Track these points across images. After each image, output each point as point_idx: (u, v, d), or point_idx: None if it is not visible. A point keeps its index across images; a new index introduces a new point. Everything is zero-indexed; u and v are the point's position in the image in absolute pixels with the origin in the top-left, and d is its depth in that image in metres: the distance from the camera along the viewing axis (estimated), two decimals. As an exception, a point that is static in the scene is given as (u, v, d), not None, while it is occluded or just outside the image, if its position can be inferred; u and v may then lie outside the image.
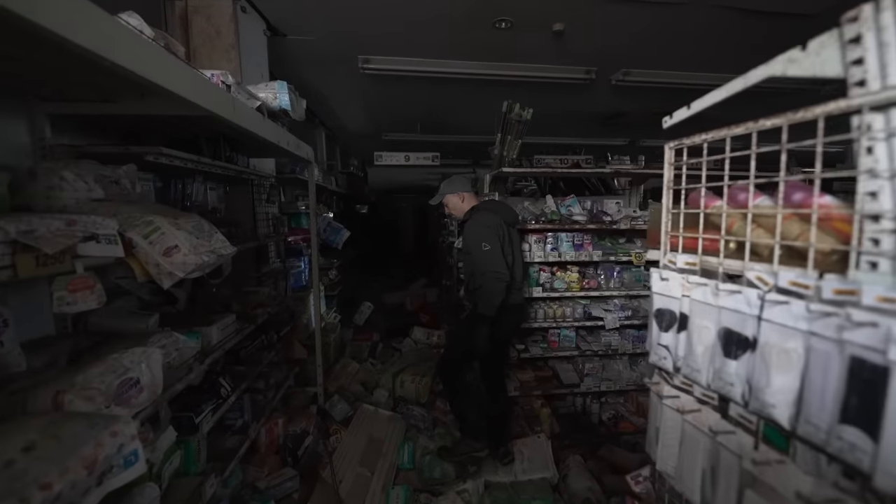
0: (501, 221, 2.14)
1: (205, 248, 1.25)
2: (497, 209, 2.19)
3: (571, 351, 2.57)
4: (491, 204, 2.24)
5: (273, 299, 2.47)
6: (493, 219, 2.12)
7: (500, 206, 2.23)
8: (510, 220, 2.23)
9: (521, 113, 2.46)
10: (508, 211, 2.25)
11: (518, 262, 2.21)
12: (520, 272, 2.23)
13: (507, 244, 2.14)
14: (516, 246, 2.22)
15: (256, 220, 2.62)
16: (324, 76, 3.95)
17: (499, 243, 2.06)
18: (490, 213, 2.16)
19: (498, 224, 2.11)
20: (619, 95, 4.76)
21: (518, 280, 2.21)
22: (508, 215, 2.22)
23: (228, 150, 2.04)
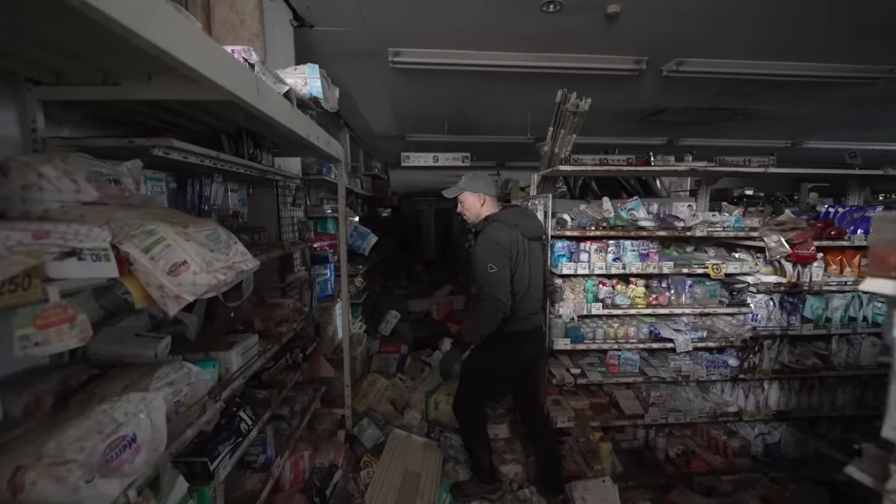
0: (519, 236, 1.86)
1: (221, 263, 1.00)
2: (517, 221, 1.88)
3: (634, 377, 2.23)
4: (510, 214, 1.91)
5: (299, 313, 2.23)
6: (508, 235, 1.83)
7: (522, 218, 1.91)
8: (532, 233, 1.92)
9: (578, 103, 2.15)
10: (531, 223, 1.94)
11: (537, 282, 1.93)
12: (539, 292, 1.95)
13: (525, 262, 1.86)
14: (536, 263, 1.92)
15: (281, 225, 2.40)
16: (351, 72, 3.73)
17: (508, 266, 1.80)
18: (506, 226, 1.85)
19: (512, 241, 1.82)
20: (667, 89, 4.37)
21: (535, 301, 1.94)
22: (530, 228, 1.91)
23: (252, 148, 1.81)
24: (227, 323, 1.73)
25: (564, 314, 2.07)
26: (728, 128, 6.31)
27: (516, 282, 1.83)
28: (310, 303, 2.79)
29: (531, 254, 1.90)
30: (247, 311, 1.91)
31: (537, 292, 1.95)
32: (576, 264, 2.08)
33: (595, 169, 2.20)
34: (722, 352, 2.30)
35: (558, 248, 2.12)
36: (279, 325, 1.96)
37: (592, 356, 2.36)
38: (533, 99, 4.65)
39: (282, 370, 2.03)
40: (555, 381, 2.16)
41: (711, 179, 2.63)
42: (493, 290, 1.75)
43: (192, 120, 1.66)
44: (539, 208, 2.17)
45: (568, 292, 2.11)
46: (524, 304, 1.87)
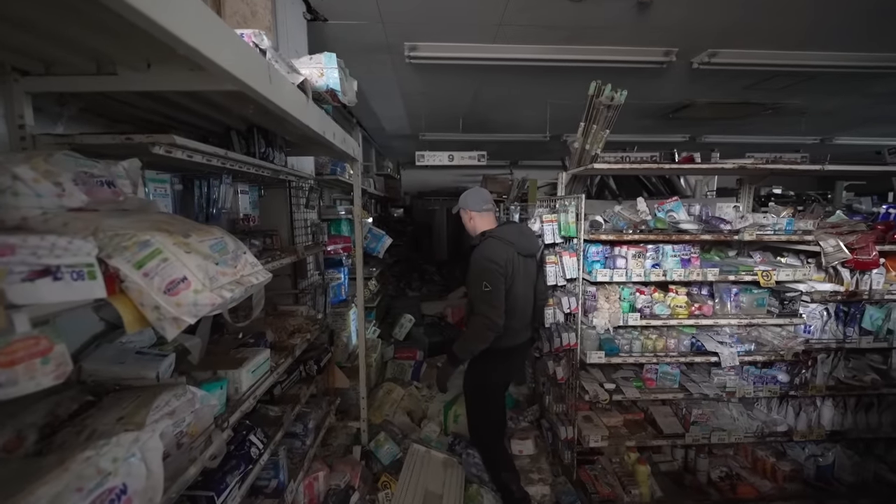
0: (514, 253, 1.84)
1: (227, 277, 0.87)
2: (513, 238, 1.86)
3: (674, 392, 2.05)
4: (507, 231, 1.90)
5: (312, 321, 2.11)
6: (504, 252, 1.81)
7: (517, 234, 1.91)
8: (527, 251, 1.92)
9: (613, 95, 1.98)
10: (527, 239, 1.94)
11: (527, 298, 1.93)
12: (529, 307, 1.96)
13: (518, 280, 1.85)
14: (528, 280, 1.92)
15: (294, 228, 2.28)
16: (365, 68, 3.60)
17: (503, 284, 1.78)
18: (503, 243, 1.83)
19: (508, 259, 1.80)
20: (695, 83, 4.16)
21: (525, 317, 1.94)
22: (526, 245, 1.91)
23: (264, 146, 1.68)
24: (237, 335, 1.61)
25: (599, 325, 1.90)
26: (753, 124, 6.03)
27: (510, 299, 1.82)
28: (323, 309, 2.67)
29: (525, 270, 1.90)
30: (258, 322, 1.78)
31: (528, 308, 1.96)
32: (611, 271, 1.91)
33: (634, 167, 2.02)
34: (770, 366, 2.11)
35: (592, 254, 1.95)
36: (292, 335, 1.83)
37: (627, 370, 2.19)
38: (552, 95, 4.48)
39: (295, 383, 1.91)
40: (587, 397, 2.00)
41: (755, 178, 2.43)
42: (487, 309, 1.74)
43: (199, 116, 1.54)
44: (569, 210, 2.01)
45: (602, 301, 1.94)
46: (514, 320, 1.86)
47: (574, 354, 2.04)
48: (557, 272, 2.11)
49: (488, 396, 1.99)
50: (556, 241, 2.18)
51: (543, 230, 2.18)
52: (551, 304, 2.14)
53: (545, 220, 2.17)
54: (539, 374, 2.64)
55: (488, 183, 5.79)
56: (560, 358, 2.16)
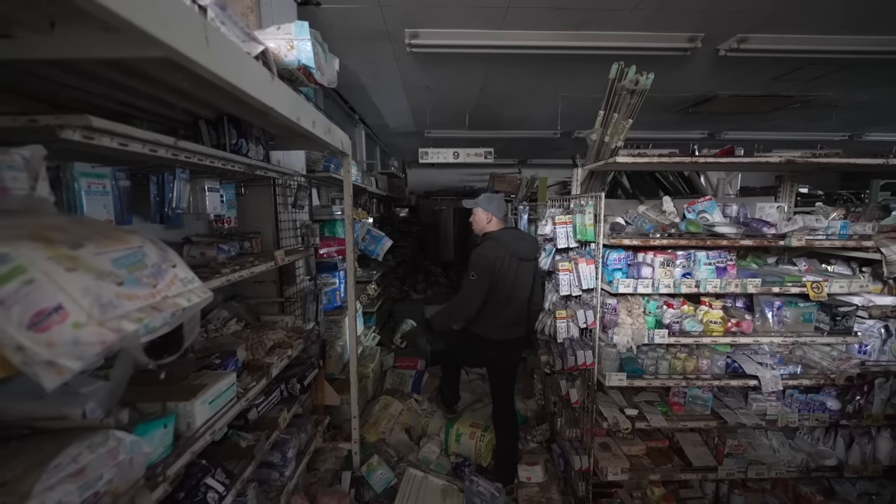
0: (508, 254, 2.01)
1: (138, 302, 0.65)
2: (509, 241, 2.04)
3: (706, 420, 1.79)
4: (506, 234, 2.08)
5: (298, 333, 1.90)
6: (497, 251, 2.01)
7: (514, 238, 2.08)
8: (523, 255, 2.05)
9: (638, 79, 1.73)
10: (523, 245, 2.07)
11: (518, 299, 2.07)
12: (520, 308, 2.10)
13: (508, 279, 2.02)
14: (522, 282, 2.06)
15: (280, 230, 2.07)
16: (363, 58, 3.39)
17: (489, 278, 1.99)
18: (498, 244, 2.03)
19: (499, 257, 2.00)
20: (720, 72, 3.86)
21: (512, 315, 2.08)
22: (522, 248, 2.05)
23: (235, 137, 1.47)
24: (203, 354, 1.40)
25: (620, 343, 1.66)
26: (777, 119, 5.68)
27: (494, 293, 2.01)
28: (315, 317, 2.46)
29: (519, 272, 2.03)
30: (230, 337, 1.57)
31: (517, 307, 2.08)
32: (635, 281, 1.66)
33: (663, 161, 1.77)
34: (818, 391, 1.84)
35: (613, 261, 1.70)
36: (270, 352, 1.62)
37: (650, 392, 1.93)
38: (563, 87, 4.22)
39: (275, 405, 1.70)
40: (606, 424, 1.75)
41: (797, 175, 2.15)
42: (467, 293, 2.02)
43: (162, 104, 1.33)
44: (586, 210, 1.76)
45: (624, 315, 1.69)
46: (497, 314, 2.05)
47: (590, 375, 1.80)
48: (572, 281, 1.86)
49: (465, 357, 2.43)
50: (570, 245, 1.94)
51: (556, 233, 1.94)
52: (564, 317, 1.90)
53: (558, 222, 1.92)
54: (549, 392, 2.40)
55: (496, 182, 5.55)
56: (574, 378, 1.92)
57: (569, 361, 1.79)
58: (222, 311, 1.70)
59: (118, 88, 1.14)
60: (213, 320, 1.62)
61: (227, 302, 1.87)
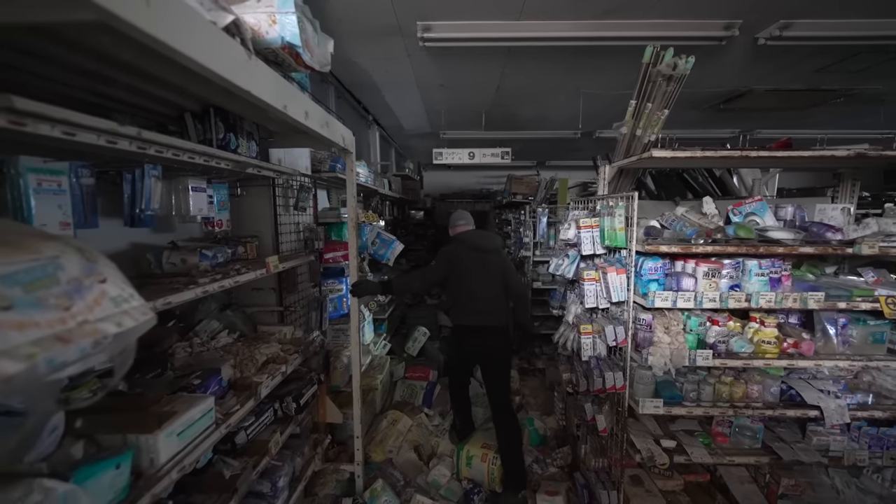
0: (466, 248, 2.31)
1: (38, 331, 0.49)
2: (467, 238, 2.36)
3: (756, 456, 1.55)
4: (465, 235, 2.39)
5: (296, 346, 1.75)
6: (455, 246, 2.37)
7: (470, 237, 2.37)
8: (482, 244, 2.33)
9: (676, 62, 1.51)
10: (480, 239, 2.36)
11: (487, 288, 2.28)
12: (490, 296, 2.29)
13: (470, 271, 2.27)
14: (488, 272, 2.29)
15: (280, 233, 1.93)
16: (374, 55, 3.25)
17: (445, 266, 2.31)
18: (458, 241, 2.38)
19: (455, 250, 2.33)
20: (758, 64, 3.56)
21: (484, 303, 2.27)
22: (479, 242, 2.34)
23: (223, 132, 1.33)
24: (183, 372, 1.25)
25: (656, 364, 1.44)
26: (816, 116, 5.29)
27: (457, 285, 2.31)
28: (319, 326, 2.31)
29: (483, 263, 2.28)
30: (217, 352, 1.43)
31: (489, 294, 2.28)
32: (674, 294, 1.44)
33: (708, 156, 1.53)
34: (892, 424, 1.57)
35: (648, 270, 1.49)
36: (262, 369, 1.47)
37: (689, 422, 1.69)
38: (585, 83, 3.99)
39: (268, 426, 1.54)
40: (639, 457, 1.53)
41: (858, 173, 1.88)
42: (424, 271, 2.46)
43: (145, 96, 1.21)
44: (616, 213, 1.55)
45: (660, 333, 1.47)
46: (468, 305, 2.28)
47: (621, 400, 1.58)
48: (599, 292, 1.65)
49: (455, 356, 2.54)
50: (596, 251, 1.72)
51: (580, 238, 1.73)
52: (590, 332, 1.68)
53: (582, 226, 1.72)
54: (571, 413, 2.18)
55: (513, 184, 5.34)
56: (601, 401, 1.70)
57: (595, 383, 1.57)
58: (212, 321, 1.56)
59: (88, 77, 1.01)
60: (201, 333, 1.48)
61: (222, 312, 1.74)
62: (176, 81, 0.96)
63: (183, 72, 0.79)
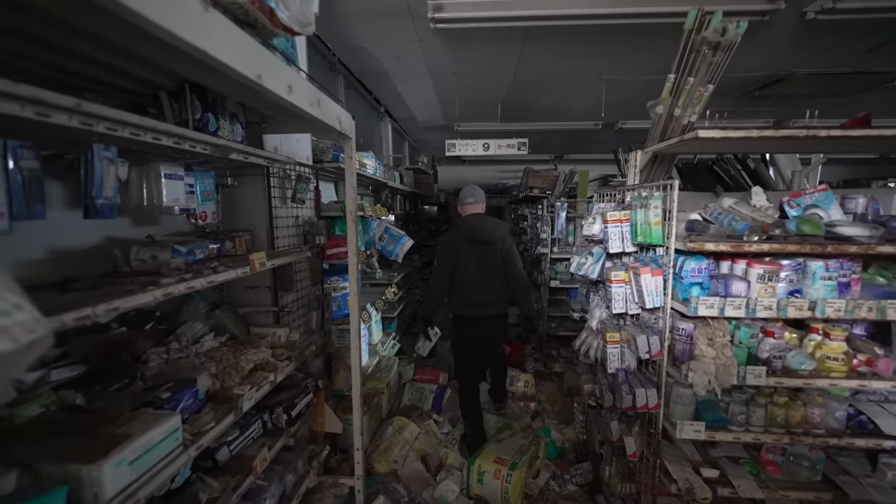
0: (461, 239, 2.28)
1: None
2: (464, 226, 2.31)
3: (816, 490, 1.32)
4: (464, 221, 2.36)
5: (291, 349, 1.60)
6: (453, 236, 2.33)
7: (470, 224, 2.32)
8: (480, 236, 2.29)
9: (726, 27, 1.28)
10: (477, 229, 2.30)
11: (486, 278, 2.29)
12: (490, 285, 2.32)
13: (467, 262, 2.27)
14: (486, 263, 2.30)
15: (275, 227, 1.78)
16: (383, 40, 3.08)
17: (448, 261, 2.30)
18: (455, 230, 2.35)
19: (453, 241, 2.30)
20: (803, 44, 3.22)
21: (484, 294, 2.31)
22: (475, 233, 2.29)
23: (199, 111, 1.18)
24: (154, 383, 1.11)
25: (697, 383, 1.22)
26: (856, 104, 4.83)
27: (460, 274, 2.30)
28: (320, 326, 2.17)
29: (480, 255, 2.28)
30: (198, 358, 1.28)
31: (487, 286, 2.30)
32: (721, 300, 1.22)
33: (765, 135, 1.28)
34: None
35: (689, 272, 1.27)
36: (249, 377, 1.32)
37: (731, 448, 1.46)
38: (609, 69, 3.73)
39: (255, 439, 1.40)
40: (675, 488, 1.32)
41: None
42: (432, 277, 2.47)
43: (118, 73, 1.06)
44: (650, 204, 1.34)
45: (703, 345, 1.26)
46: (465, 296, 2.31)
47: (654, 420, 1.38)
48: (628, 296, 1.44)
49: (462, 349, 2.47)
50: (625, 249, 1.51)
51: (607, 234, 1.52)
52: (617, 341, 1.48)
53: (610, 220, 1.50)
54: (593, 428, 1.98)
55: (530, 177, 5.10)
56: (630, 420, 1.49)
57: (624, 401, 1.37)
58: (196, 323, 1.42)
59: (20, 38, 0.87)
60: (182, 336, 1.34)
61: (212, 312, 1.60)
62: (117, 40, 0.80)
63: (122, 27, 0.63)
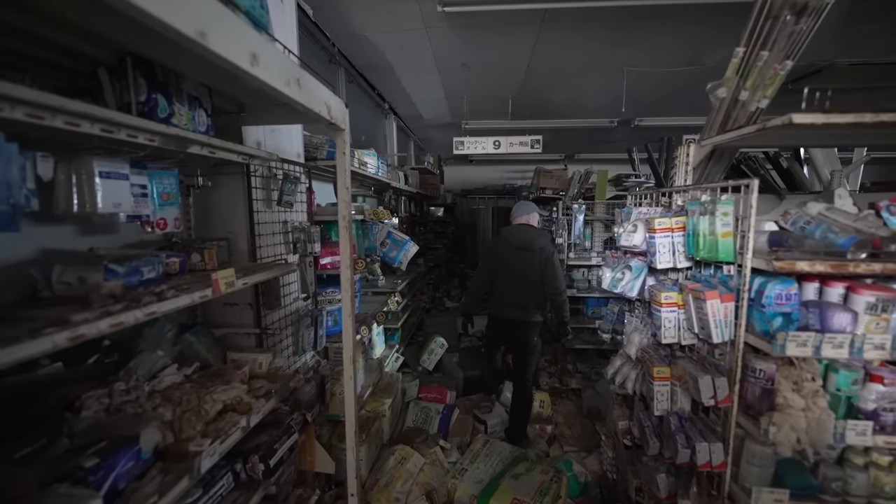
0: (503, 244, 2.54)
1: None
2: (507, 234, 2.56)
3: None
4: (508, 229, 2.58)
5: (273, 379, 1.35)
6: (494, 243, 2.73)
7: (510, 232, 2.55)
8: (517, 243, 2.47)
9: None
10: (517, 236, 2.49)
11: (517, 284, 2.45)
12: (521, 291, 2.45)
13: (504, 266, 2.50)
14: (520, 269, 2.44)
15: (256, 234, 1.53)
16: (387, 27, 2.82)
17: (488, 263, 2.61)
18: (499, 237, 2.65)
19: (494, 248, 2.64)
20: (849, 29, 2.92)
21: (514, 297, 2.47)
22: (515, 239, 2.49)
23: (145, 91, 0.93)
24: (85, 441, 0.86)
25: (782, 441, 0.95)
26: (894, 99, 4.47)
27: (498, 277, 2.54)
28: (313, 346, 1.91)
29: (515, 260, 2.45)
30: (150, 401, 1.03)
31: (517, 291, 2.45)
32: (818, 336, 0.94)
33: (880, 120, 1.00)
34: None
35: (773, 299, 0.98)
36: (213, 423, 1.07)
37: None
38: (630, 59, 3.44)
39: (225, 496, 1.15)
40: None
41: None
42: (475, 275, 2.74)
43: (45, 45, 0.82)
44: (718, 212, 1.06)
45: (788, 392, 0.98)
46: (498, 296, 2.54)
47: (718, 481, 1.10)
48: (681, 323, 1.17)
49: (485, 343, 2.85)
50: (677, 264, 1.23)
51: (653, 246, 1.24)
52: (666, 378, 1.20)
53: (658, 229, 1.23)
54: (626, 468, 1.69)
55: (542, 177, 4.81)
56: (684, 476, 1.22)
57: (679, 455, 1.10)
58: (154, 353, 1.17)
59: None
60: (134, 371, 1.09)
61: (181, 336, 1.35)
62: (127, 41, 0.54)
63: None
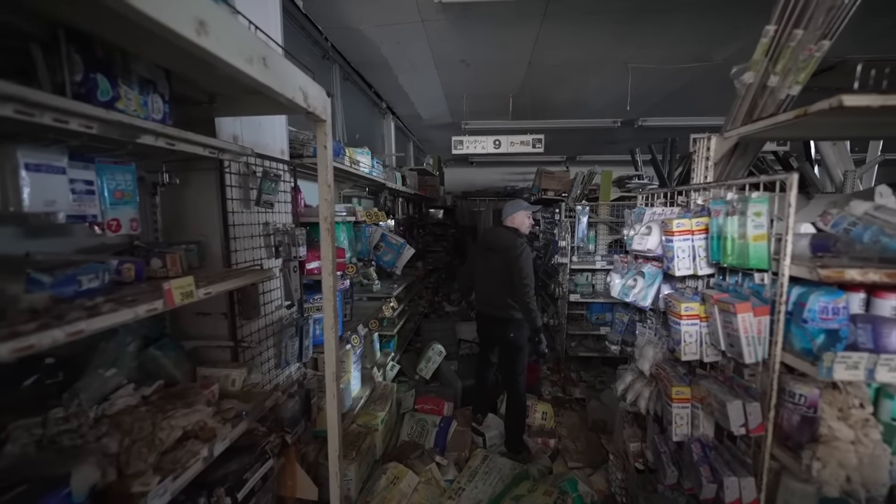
0: (479, 244, 2.68)
1: None
2: (482, 234, 2.91)
3: None
4: (486, 230, 2.79)
5: (247, 399, 1.22)
6: (478, 242, 2.83)
7: (485, 233, 2.68)
8: (487, 244, 2.56)
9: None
10: (488, 238, 2.58)
11: (488, 283, 2.52)
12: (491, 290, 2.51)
13: (482, 263, 2.58)
14: (489, 269, 2.50)
15: (231, 237, 1.39)
16: (381, 20, 2.69)
17: (470, 262, 2.80)
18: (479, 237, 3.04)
19: (475, 248, 2.76)
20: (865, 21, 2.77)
21: (486, 297, 2.57)
22: (485, 241, 2.59)
23: (81, 71, 0.80)
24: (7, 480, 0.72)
25: (829, 479, 0.80)
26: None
27: (475, 275, 2.67)
28: (298, 358, 1.77)
29: (484, 260, 2.55)
30: (95, 430, 0.89)
31: (486, 289, 2.56)
32: (872, 357, 0.80)
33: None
34: None
35: (817, 312, 0.84)
36: (171, 452, 0.93)
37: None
38: (637, 55, 3.31)
39: (186, 534, 1.00)
40: None
41: None
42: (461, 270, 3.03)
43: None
44: (749, 213, 0.92)
45: (833, 421, 0.84)
46: (476, 293, 2.70)
47: (749, 520, 0.96)
48: (703, 338, 1.03)
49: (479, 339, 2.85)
50: (698, 271, 1.10)
51: (671, 251, 1.11)
52: (686, 400, 1.06)
53: (676, 231, 1.09)
54: (639, 495, 1.55)
55: (543, 179, 4.69)
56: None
57: (704, 490, 0.95)
58: (107, 372, 1.03)
59: None
60: (79, 393, 0.95)
61: (145, 350, 1.21)
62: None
63: None
